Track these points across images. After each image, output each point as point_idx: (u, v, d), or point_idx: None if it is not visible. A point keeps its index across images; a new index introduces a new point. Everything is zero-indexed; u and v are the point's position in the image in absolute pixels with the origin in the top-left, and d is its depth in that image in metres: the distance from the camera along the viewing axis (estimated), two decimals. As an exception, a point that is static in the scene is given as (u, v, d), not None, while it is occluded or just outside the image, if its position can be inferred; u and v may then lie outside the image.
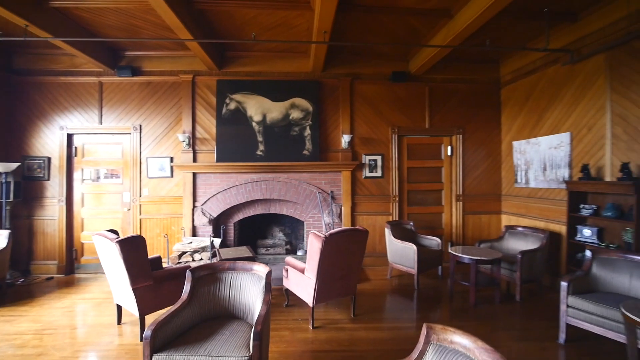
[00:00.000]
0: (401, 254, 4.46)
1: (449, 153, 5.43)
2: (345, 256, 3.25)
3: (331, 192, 5.20)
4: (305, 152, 5.10)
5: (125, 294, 2.99)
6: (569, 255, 3.85)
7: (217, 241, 4.78)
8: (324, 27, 3.65)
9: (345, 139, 5.06)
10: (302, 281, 3.30)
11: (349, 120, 5.22)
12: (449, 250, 4.15)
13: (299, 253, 5.34)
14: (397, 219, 5.28)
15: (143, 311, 2.96)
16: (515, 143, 5.04)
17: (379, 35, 4.43)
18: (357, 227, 3.29)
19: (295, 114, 5.10)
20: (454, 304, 3.87)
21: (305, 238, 5.80)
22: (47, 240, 4.93)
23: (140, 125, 5.05)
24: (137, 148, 5.03)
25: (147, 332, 1.95)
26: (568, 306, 2.94)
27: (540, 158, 4.53)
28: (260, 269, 2.52)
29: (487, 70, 5.41)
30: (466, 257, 3.89)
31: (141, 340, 2.95)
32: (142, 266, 2.96)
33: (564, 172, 4.15)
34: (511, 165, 5.17)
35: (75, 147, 5.06)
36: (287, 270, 3.64)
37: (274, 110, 5.08)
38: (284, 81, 5.12)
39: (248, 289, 2.51)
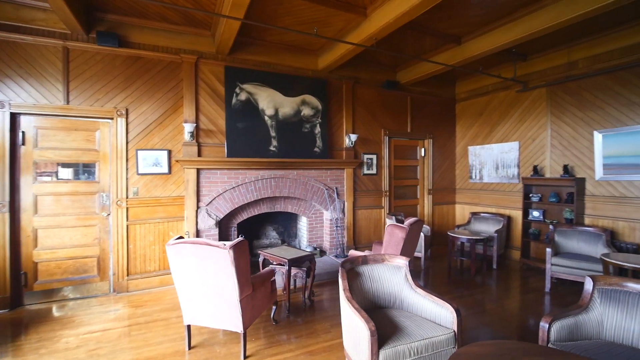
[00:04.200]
0: (407, 241, 5.12)
1: (422, 154, 6.45)
2: (410, 243, 3.66)
3: (336, 188, 5.43)
4: (316, 149, 5.16)
5: (222, 309, 2.59)
6: (523, 230, 5.30)
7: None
8: (377, 35, 3.92)
9: (351, 138, 5.38)
10: (378, 271, 3.52)
11: (352, 120, 5.56)
12: (448, 233, 5.08)
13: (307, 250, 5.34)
14: (388, 211, 5.94)
15: (246, 324, 2.63)
16: (470, 147, 6.43)
17: (390, 45, 4.93)
18: (418, 218, 3.74)
19: (306, 111, 5.09)
20: (458, 276, 4.77)
21: (298, 234, 5.82)
22: (-25, 264, 3.42)
23: (127, 110, 4.07)
24: (123, 137, 4.04)
25: (371, 329, 1.92)
26: (552, 264, 4.19)
27: (493, 160, 5.99)
28: (396, 260, 2.70)
29: (446, 87, 6.67)
30: (465, 238, 4.88)
31: (244, 359, 2.63)
32: (246, 274, 2.63)
33: (514, 171, 5.65)
34: (466, 165, 6.57)
35: (23, 132, 3.66)
36: (348, 263, 3.76)
37: (286, 105, 4.94)
38: (295, 76, 5.03)
39: (388, 279, 2.64)
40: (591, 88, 4.62)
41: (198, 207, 4.42)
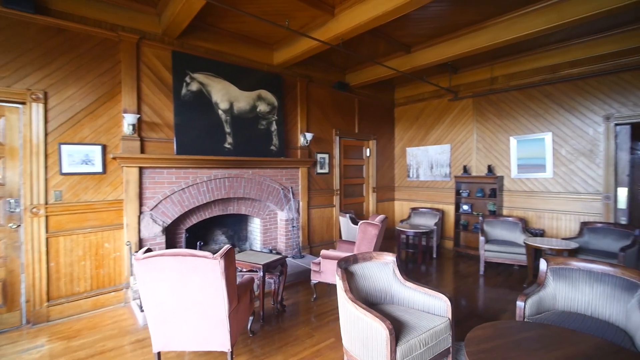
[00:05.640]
0: (361, 237, 5.32)
1: (368, 154, 6.77)
2: (380, 239, 3.81)
3: (291, 187, 5.30)
4: (272, 147, 4.95)
5: (206, 327, 2.28)
6: (455, 222, 6.03)
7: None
8: (345, 36, 3.95)
9: (306, 137, 5.32)
10: (351, 269, 3.56)
11: (306, 119, 5.50)
12: (396, 228, 5.46)
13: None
14: (339, 210, 6.06)
15: (233, 341, 2.37)
16: (408, 149, 7.02)
17: (347, 47, 5.05)
18: (385, 216, 3.92)
19: (262, 107, 4.84)
20: (406, 267, 5.17)
21: (249, 237, 5.53)
22: None
23: (46, 93, 3.24)
24: (41, 128, 3.21)
25: (389, 327, 1.93)
26: (485, 250, 4.86)
27: (429, 160, 6.65)
28: (384, 256, 2.76)
29: (387, 92, 7.14)
30: (412, 232, 5.31)
31: (232, 377, 2.36)
32: (234, 285, 2.37)
33: (446, 170, 6.37)
34: (404, 165, 7.14)
35: None
36: (319, 264, 3.71)
37: (242, 99, 4.62)
38: (251, 69, 4.74)
39: (378, 275, 2.69)
40: (508, 101, 5.51)
41: (141, 212, 3.80)
